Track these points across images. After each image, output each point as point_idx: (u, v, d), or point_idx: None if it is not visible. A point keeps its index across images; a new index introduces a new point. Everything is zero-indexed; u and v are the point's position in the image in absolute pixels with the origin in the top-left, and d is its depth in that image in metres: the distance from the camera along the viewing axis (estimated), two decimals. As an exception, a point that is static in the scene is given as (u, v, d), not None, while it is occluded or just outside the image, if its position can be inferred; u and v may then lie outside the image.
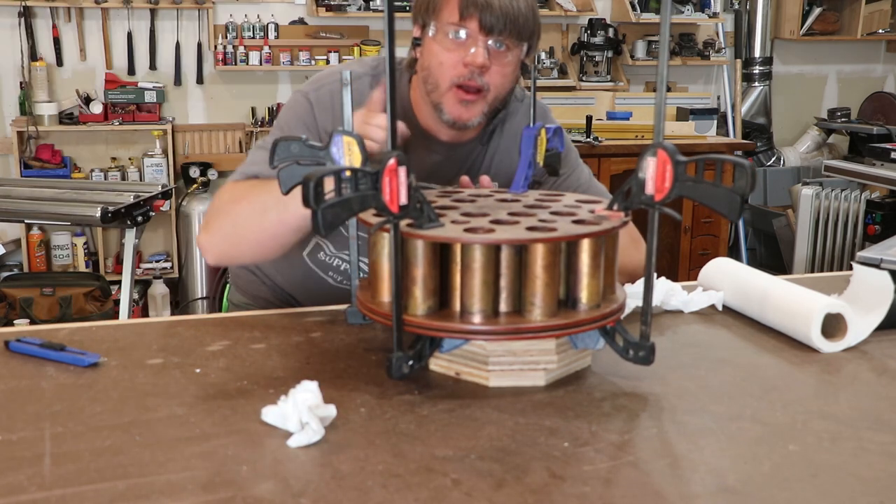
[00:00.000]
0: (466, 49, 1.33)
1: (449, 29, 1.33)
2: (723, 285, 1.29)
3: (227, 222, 1.35)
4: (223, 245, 1.37)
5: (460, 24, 1.32)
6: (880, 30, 5.21)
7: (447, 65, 1.34)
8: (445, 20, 1.33)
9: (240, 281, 1.65)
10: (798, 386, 1.01)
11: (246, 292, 1.64)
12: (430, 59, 1.36)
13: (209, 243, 1.37)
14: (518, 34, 1.33)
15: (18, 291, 3.69)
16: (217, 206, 1.38)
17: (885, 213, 3.93)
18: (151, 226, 3.78)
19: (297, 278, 1.54)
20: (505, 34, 1.32)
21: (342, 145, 1.04)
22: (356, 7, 4.44)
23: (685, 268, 4.22)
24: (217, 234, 1.36)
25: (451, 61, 1.34)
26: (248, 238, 1.33)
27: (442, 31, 1.34)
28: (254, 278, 1.62)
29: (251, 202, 1.31)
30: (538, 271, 0.94)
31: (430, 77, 1.37)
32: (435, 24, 1.35)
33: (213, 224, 1.37)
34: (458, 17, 1.32)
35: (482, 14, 1.30)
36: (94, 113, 4.26)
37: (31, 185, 3.35)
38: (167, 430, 0.85)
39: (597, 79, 4.70)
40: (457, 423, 0.88)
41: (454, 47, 1.33)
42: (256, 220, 1.30)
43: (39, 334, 1.09)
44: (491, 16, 1.30)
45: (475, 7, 1.30)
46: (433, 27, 1.35)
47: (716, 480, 0.77)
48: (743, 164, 0.85)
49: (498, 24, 1.31)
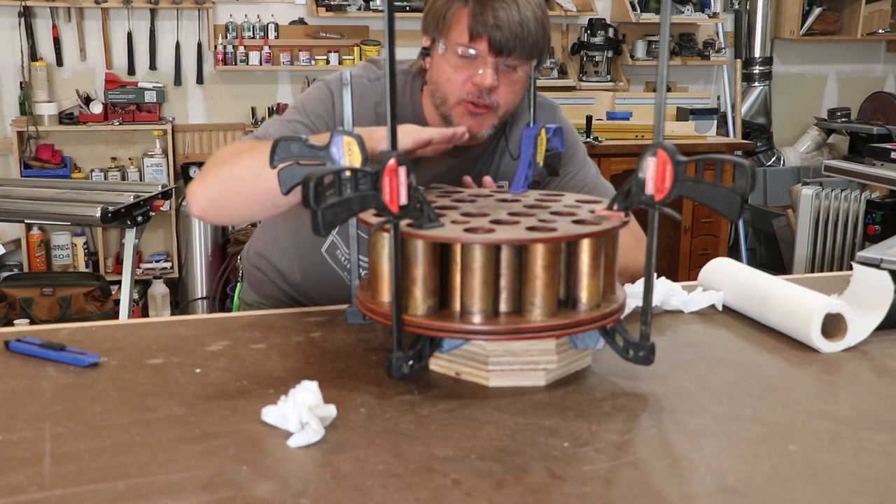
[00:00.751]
0: (475, 68, 1.32)
1: (458, 48, 1.32)
2: (723, 285, 1.29)
3: (223, 171, 1.29)
4: (214, 192, 1.29)
5: (470, 45, 1.31)
6: (880, 30, 5.21)
7: (455, 82, 1.34)
8: (455, 39, 1.32)
9: (253, 279, 1.65)
10: (798, 386, 1.01)
11: (259, 291, 1.64)
12: (438, 74, 1.36)
13: (200, 190, 1.29)
14: (528, 54, 1.32)
15: (18, 291, 3.69)
16: (217, 156, 1.33)
17: (885, 213, 3.94)
18: (151, 226, 3.78)
19: (315, 275, 1.54)
20: (515, 55, 1.31)
21: (342, 145, 1.04)
22: (356, 7, 4.45)
23: (685, 268, 4.22)
24: (211, 181, 1.29)
25: (460, 79, 1.33)
26: (241, 191, 1.27)
27: (451, 50, 1.33)
28: (265, 278, 1.61)
29: (253, 156, 1.26)
30: (538, 271, 0.94)
31: (439, 91, 1.37)
32: (444, 41, 1.34)
33: (209, 172, 1.31)
34: (467, 38, 1.31)
35: (492, 35, 1.29)
36: (94, 113, 4.26)
37: (31, 185, 3.35)
38: (167, 430, 0.85)
39: (597, 79, 4.70)
40: (457, 423, 0.88)
41: (463, 65, 1.33)
42: (254, 174, 1.24)
43: (39, 334, 1.09)
44: (501, 37, 1.29)
45: (485, 28, 1.29)
46: (442, 45, 1.34)
47: (716, 480, 0.77)
48: (743, 164, 0.85)
49: (507, 45, 1.29)
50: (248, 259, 1.67)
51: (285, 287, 1.60)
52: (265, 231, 1.65)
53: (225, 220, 1.41)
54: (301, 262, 1.54)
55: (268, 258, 1.61)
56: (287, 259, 1.56)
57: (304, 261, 1.52)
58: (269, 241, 1.62)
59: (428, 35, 1.38)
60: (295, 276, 1.57)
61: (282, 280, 1.59)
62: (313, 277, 1.54)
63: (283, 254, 1.58)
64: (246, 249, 1.70)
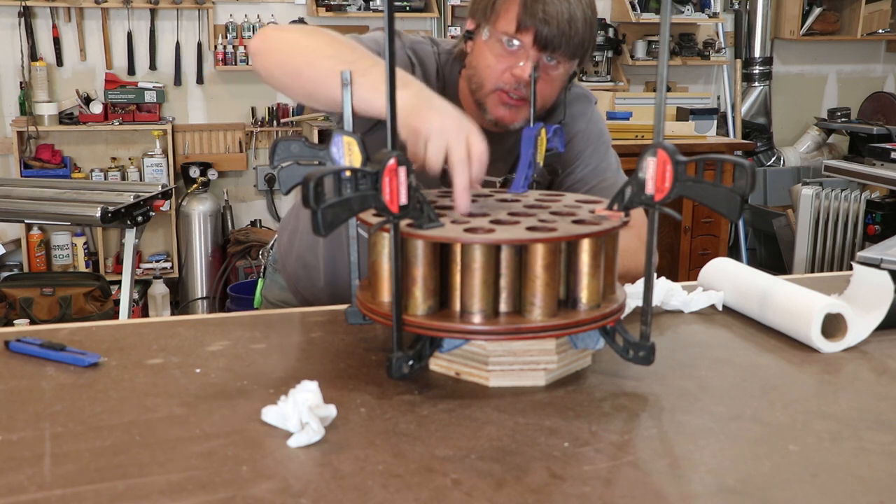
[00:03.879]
0: (516, 60, 1.31)
1: (503, 37, 1.32)
2: (723, 285, 1.29)
3: (301, 37, 1.23)
4: (278, 44, 1.23)
5: (515, 35, 1.30)
6: (880, 30, 5.22)
7: (495, 70, 1.33)
8: (501, 28, 1.32)
9: (288, 273, 1.60)
10: (798, 386, 1.01)
11: (296, 289, 1.59)
12: (478, 60, 1.36)
13: (271, 36, 1.24)
14: (572, 52, 1.31)
15: (18, 291, 3.69)
16: (305, 28, 1.29)
17: (885, 213, 3.94)
18: (151, 226, 3.78)
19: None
20: (559, 52, 1.30)
21: (342, 145, 1.04)
22: (356, 7, 4.45)
23: (685, 268, 4.22)
24: (283, 37, 1.24)
25: (500, 68, 1.33)
26: (296, 62, 1.21)
27: (495, 37, 1.33)
28: (308, 275, 1.57)
29: (330, 44, 1.20)
30: (538, 271, 0.94)
31: (476, 76, 1.36)
32: (490, 28, 1.33)
33: (289, 29, 1.26)
34: (514, 29, 1.30)
35: (539, 29, 1.28)
36: (94, 113, 4.26)
37: (31, 185, 3.35)
38: (167, 430, 0.85)
39: (597, 79, 4.70)
40: (457, 423, 0.88)
41: (505, 55, 1.32)
42: (318, 56, 1.19)
43: (39, 334, 1.09)
44: (548, 32, 1.28)
45: (533, 21, 1.28)
46: (487, 31, 1.34)
47: (716, 480, 0.77)
48: (743, 164, 0.85)
49: (553, 41, 1.29)
50: (289, 256, 1.63)
51: (318, 288, 1.56)
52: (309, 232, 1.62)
53: (266, 74, 1.31)
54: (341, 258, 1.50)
55: (316, 255, 1.58)
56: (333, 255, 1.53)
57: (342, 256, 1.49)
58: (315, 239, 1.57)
59: (474, 19, 1.38)
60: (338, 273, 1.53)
61: (313, 277, 1.56)
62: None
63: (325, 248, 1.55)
64: (281, 247, 1.66)
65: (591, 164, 1.50)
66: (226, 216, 4.62)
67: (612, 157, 1.56)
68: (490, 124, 1.39)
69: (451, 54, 1.45)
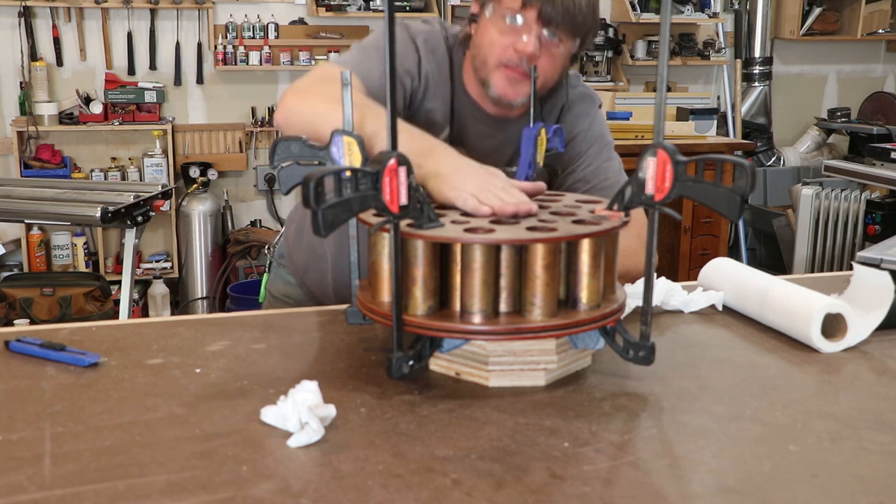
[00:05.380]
0: (519, 35, 1.34)
1: (507, 13, 1.35)
2: (723, 285, 1.29)
3: (315, 102, 1.25)
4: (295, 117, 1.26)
5: (519, 11, 1.34)
6: (880, 30, 5.22)
7: (498, 45, 1.36)
8: (506, 4, 1.35)
9: (295, 264, 1.62)
10: (798, 386, 1.01)
11: (303, 281, 1.61)
12: (482, 38, 1.39)
13: (291, 104, 1.27)
14: (574, 29, 1.35)
15: (18, 291, 3.69)
16: (319, 74, 1.31)
17: (885, 213, 3.94)
18: (151, 226, 3.78)
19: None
20: (561, 28, 1.34)
21: (342, 145, 1.04)
22: (356, 7, 4.45)
23: (685, 268, 4.22)
24: (299, 105, 1.27)
25: (503, 44, 1.36)
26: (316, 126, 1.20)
27: (499, 14, 1.36)
28: (316, 266, 1.58)
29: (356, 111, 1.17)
30: (538, 271, 0.94)
31: (480, 54, 1.39)
32: (494, 5, 1.37)
33: (306, 94, 1.27)
34: (519, 5, 1.33)
35: (543, 5, 1.32)
36: (94, 113, 4.26)
37: (31, 185, 3.35)
38: (167, 430, 0.85)
39: (597, 79, 4.70)
40: (457, 423, 0.88)
41: (508, 31, 1.35)
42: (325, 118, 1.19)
43: (39, 334, 1.09)
44: (552, 8, 1.32)
45: None
46: (491, 8, 1.37)
47: (716, 480, 0.77)
48: (743, 164, 0.85)
49: (556, 16, 1.32)
50: (298, 248, 1.63)
51: (325, 285, 1.57)
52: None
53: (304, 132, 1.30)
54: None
55: (324, 246, 1.57)
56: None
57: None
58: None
59: (478, 1, 1.41)
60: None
61: (324, 273, 1.57)
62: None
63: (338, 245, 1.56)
64: (288, 240, 1.67)
65: (593, 164, 1.51)
66: (226, 216, 4.62)
67: (615, 158, 1.57)
68: (493, 104, 1.42)
69: (457, 38, 1.47)
